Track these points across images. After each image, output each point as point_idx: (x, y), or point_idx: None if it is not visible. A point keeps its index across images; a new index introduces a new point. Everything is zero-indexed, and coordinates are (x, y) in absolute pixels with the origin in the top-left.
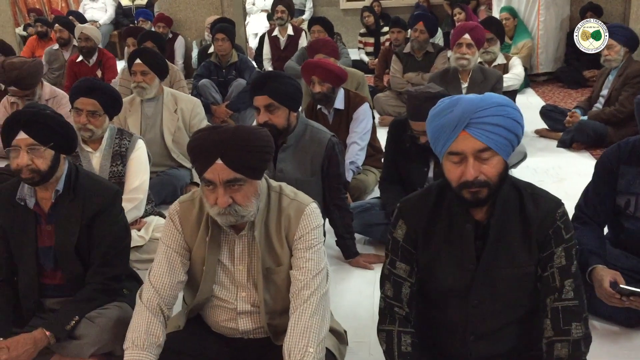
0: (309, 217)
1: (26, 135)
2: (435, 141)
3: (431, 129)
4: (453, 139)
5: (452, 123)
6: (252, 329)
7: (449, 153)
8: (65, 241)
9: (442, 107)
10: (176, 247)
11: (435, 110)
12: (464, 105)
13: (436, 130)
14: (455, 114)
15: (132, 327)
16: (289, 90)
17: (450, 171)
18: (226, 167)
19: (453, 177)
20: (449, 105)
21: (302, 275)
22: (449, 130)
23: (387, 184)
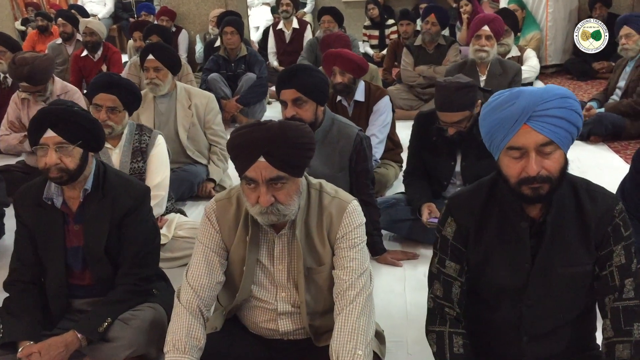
0: (352, 215)
1: (54, 134)
2: (492, 136)
3: (488, 123)
4: (514, 133)
5: (513, 116)
6: (292, 330)
7: (508, 148)
8: (95, 241)
9: (501, 100)
10: (214, 246)
11: (492, 103)
12: (527, 98)
13: (494, 124)
14: (517, 107)
15: (171, 329)
16: (317, 83)
17: (510, 167)
18: (269, 165)
19: (512, 172)
20: (510, 98)
21: (346, 275)
22: (509, 124)
23: (412, 179)
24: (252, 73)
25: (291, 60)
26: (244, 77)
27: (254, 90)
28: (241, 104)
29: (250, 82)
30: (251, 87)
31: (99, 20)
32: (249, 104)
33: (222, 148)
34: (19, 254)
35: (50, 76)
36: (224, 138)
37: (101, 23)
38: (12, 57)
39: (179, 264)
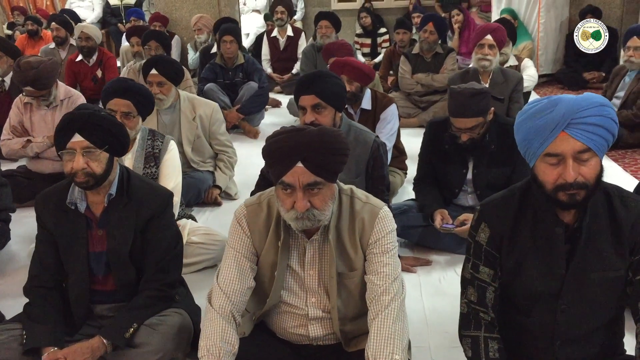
0: (384, 221)
1: (82, 138)
2: (529, 143)
3: (525, 130)
4: (551, 140)
5: (552, 123)
6: (322, 335)
7: (546, 154)
8: (119, 247)
9: (539, 108)
10: (245, 252)
11: (529, 111)
12: (566, 105)
13: (531, 131)
14: (556, 114)
15: (205, 334)
16: (336, 90)
17: (546, 173)
18: (307, 171)
19: (549, 179)
20: (548, 105)
21: (380, 280)
22: (547, 131)
23: (422, 186)
24: (253, 82)
25: (285, 68)
26: (245, 87)
27: (255, 100)
28: (242, 113)
29: (252, 92)
30: (252, 97)
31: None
32: (250, 114)
33: (230, 156)
34: (40, 259)
35: (55, 81)
36: (230, 146)
37: (96, 28)
38: (17, 62)
39: (193, 270)
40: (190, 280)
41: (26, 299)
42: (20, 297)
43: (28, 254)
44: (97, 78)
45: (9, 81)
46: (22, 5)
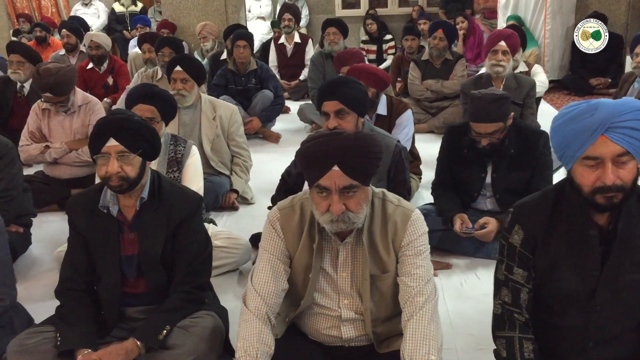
0: (416, 224)
1: (116, 142)
2: (567, 146)
3: (563, 133)
4: (590, 144)
5: (591, 127)
6: (354, 337)
7: (584, 158)
8: (151, 250)
9: (578, 112)
10: (279, 254)
11: (568, 115)
12: (605, 110)
13: (570, 135)
14: (596, 118)
15: (242, 336)
16: (359, 95)
17: (584, 176)
18: (343, 174)
19: (587, 182)
20: (587, 109)
21: (414, 282)
22: (586, 135)
23: (441, 190)
24: (267, 90)
25: (292, 74)
26: (260, 95)
27: (274, 108)
28: (263, 122)
29: (266, 100)
30: (271, 106)
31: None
32: (270, 121)
33: (245, 160)
34: (72, 261)
35: (73, 87)
36: (247, 150)
37: (106, 36)
38: (36, 68)
39: (216, 274)
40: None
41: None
42: (46, 301)
43: (54, 257)
44: (109, 85)
45: (28, 87)
46: (27, 12)
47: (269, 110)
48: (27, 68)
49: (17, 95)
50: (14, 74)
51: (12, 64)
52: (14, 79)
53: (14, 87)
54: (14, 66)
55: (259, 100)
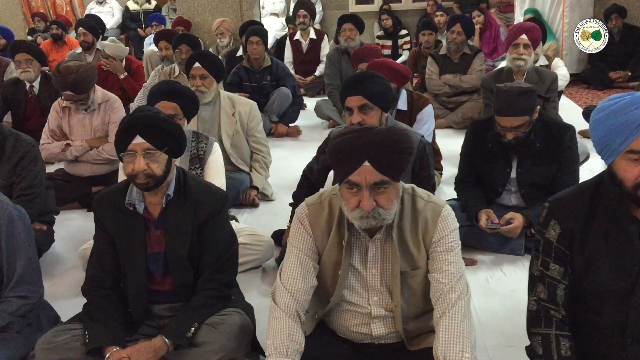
0: (447, 219)
1: (143, 140)
2: (609, 139)
3: (605, 127)
4: (635, 137)
5: (635, 121)
6: (384, 334)
7: (628, 151)
8: (177, 247)
9: (622, 105)
10: (308, 250)
11: (610, 108)
12: None
13: (614, 128)
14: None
15: (271, 333)
16: (383, 90)
17: (627, 170)
18: (374, 170)
19: (630, 176)
20: (631, 103)
21: (445, 279)
22: (631, 128)
23: (465, 186)
24: (284, 88)
25: (308, 70)
26: (277, 92)
27: (295, 108)
28: (286, 124)
29: (284, 97)
30: (291, 106)
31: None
32: (293, 122)
33: (265, 156)
34: (99, 259)
35: (94, 85)
36: (266, 146)
37: (121, 45)
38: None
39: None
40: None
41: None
42: (71, 298)
43: (78, 255)
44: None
45: (38, 86)
46: (42, 11)
47: (290, 112)
48: (36, 66)
49: (28, 97)
50: (24, 73)
51: (20, 64)
52: (24, 78)
53: (24, 88)
54: (23, 65)
55: (276, 97)
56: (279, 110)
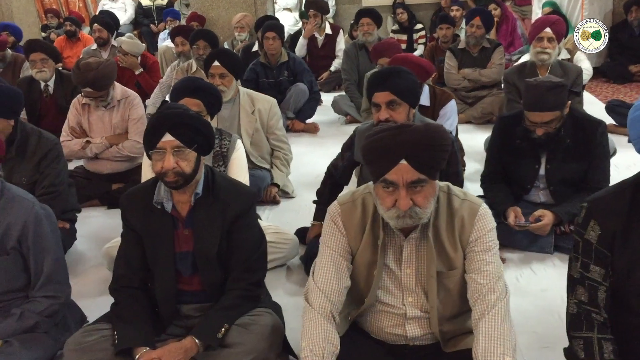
0: (484, 218)
1: (172, 137)
2: None
3: None
4: None
5: None
6: (420, 335)
7: None
8: (207, 246)
9: None
10: (341, 250)
11: None
12: None
13: None
14: None
15: (306, 334)
16: (410, 86)
17: None
18: (411, 168)
19: None
20: None
21: (484, 279)
22: None
23: (491, 183)
24: (301, 84)
25: (323, 65)
26: (294, 89)
27: (311, 104)
28: (302, 120)
29: (301, 94)
30: (309, 102)
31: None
32: (309, 118)
33: (286, 153)
34: (126, 258)
35: (113, 82)
36: (287, 143)
37: (137, 42)
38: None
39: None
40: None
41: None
42: (95, 297)
43: (102, 253)
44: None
45: (52, 85)
46: (55, 7)
47: (308, 108)
48: (51, 65)
49: (43, 96)
50: (40, 72)
51: (36, 63)
52: (40, 78)
53: (39, 87)
54: (38, 65)
55: (292, 93)
56: (296, 106)
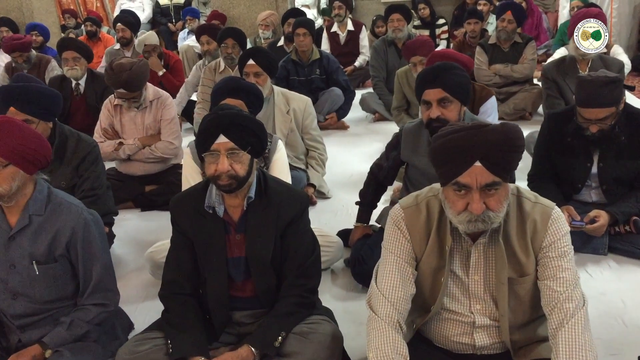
0: (558, 222)
1: (226, 139)
2: None
3: None
4: None
5: None
6: (488, 344)
7: None
8: (260, 252)
9: None
10: (406, 256)
11: None
12: None
13: None
14: None
15: (374, 345)
16: (462, 82)
17: None
18: (486, 170)
19: None
20: None
21: (560, 287)
22: None
23: (539, 182)
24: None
25: (346, 62)
26: (329, 94)
27: (348, 103)
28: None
29: (336, 99)
30: (346, 102)
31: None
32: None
33: (321, 153)
34: (177, 264)
35: (146, 82)
36: (322, 143)
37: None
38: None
39: None
40: None
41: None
42: (139, 303)
43: (146, 258)
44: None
45: (84, 84)
46: (72, 8)
47: (344, 107)
48: (83, 64)
49: (74, 95)
50: (71, 71)
51: (68, 61)
52: (71, 76)
53: (70, 86)
54: (70, 63)
55: (327, 98)
56: (330, 111)
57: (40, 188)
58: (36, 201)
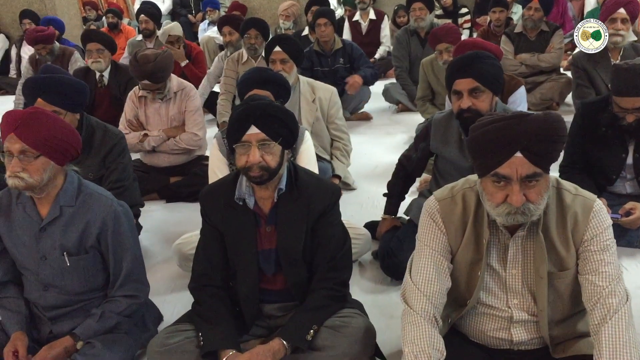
0: (600, 215)
1: (258, 130)
2: None
3: None
4: None
5: None
6: (526, 340)
7: None
8: (291, 244)
9: None
10: (441, 249)
11: None
12: None
13: None
14: None
15: (409, 339)
16: (495, 72)
17: None
18: (526, 161)
19: None
20: None
21: (603, 282)
22: None
23: (572, 173)
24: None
25: (368, 52)
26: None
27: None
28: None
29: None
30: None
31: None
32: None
33: (345, 143)
34: (207, 256)
35: (170, 73)
36: (347, 133)
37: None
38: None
39: None
40: None
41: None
42: (167, 295)
43: (174, 250)
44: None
45: (107, 76)
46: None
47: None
48: (107, 56)
49: (98, 86)
50: (95, 63)
51: (92, 53)
52: (95, 68)
53: (94, 78)
54: (94, 55)
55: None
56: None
57: (71, 179)
58: (67, 192)
